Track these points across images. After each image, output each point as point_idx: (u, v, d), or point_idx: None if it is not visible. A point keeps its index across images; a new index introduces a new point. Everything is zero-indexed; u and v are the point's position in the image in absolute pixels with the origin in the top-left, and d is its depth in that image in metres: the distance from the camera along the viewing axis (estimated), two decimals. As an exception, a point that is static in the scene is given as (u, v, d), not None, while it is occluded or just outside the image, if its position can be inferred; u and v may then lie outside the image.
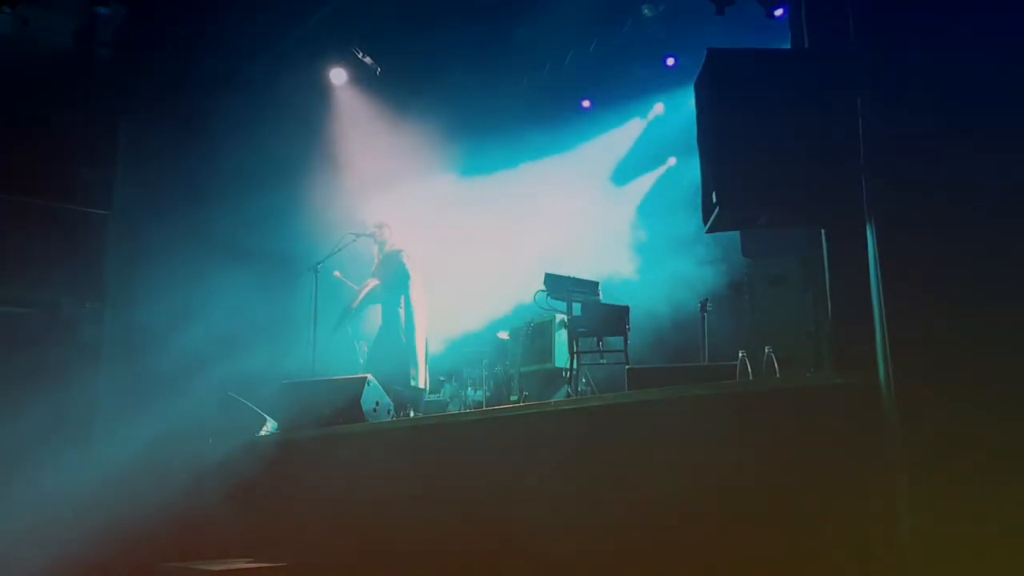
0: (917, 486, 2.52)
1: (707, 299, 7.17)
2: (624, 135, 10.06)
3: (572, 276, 7.32)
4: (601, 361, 7.09)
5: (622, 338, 6.80)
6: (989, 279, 2.58)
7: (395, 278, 7.29)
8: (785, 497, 3.10)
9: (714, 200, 3.46)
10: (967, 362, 2.53)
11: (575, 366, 6.92)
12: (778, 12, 6.96)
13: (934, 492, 2.49)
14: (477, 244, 8.83)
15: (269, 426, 6.23)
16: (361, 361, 7.64)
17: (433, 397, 8.19)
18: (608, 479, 3.73)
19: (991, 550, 2.42)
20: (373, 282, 7.34)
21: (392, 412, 6.01)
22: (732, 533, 3.22)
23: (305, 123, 8.90)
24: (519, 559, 3.88)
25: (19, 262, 7.29)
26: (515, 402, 7.31)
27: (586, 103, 10.02)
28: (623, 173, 10.10)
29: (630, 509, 3.59)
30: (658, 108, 9.85)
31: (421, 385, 7.22)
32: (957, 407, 2.50)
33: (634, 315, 6.88)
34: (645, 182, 10.12)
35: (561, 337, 7.81)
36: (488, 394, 8.07)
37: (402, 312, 7.22)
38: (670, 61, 9.18)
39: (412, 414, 6.78)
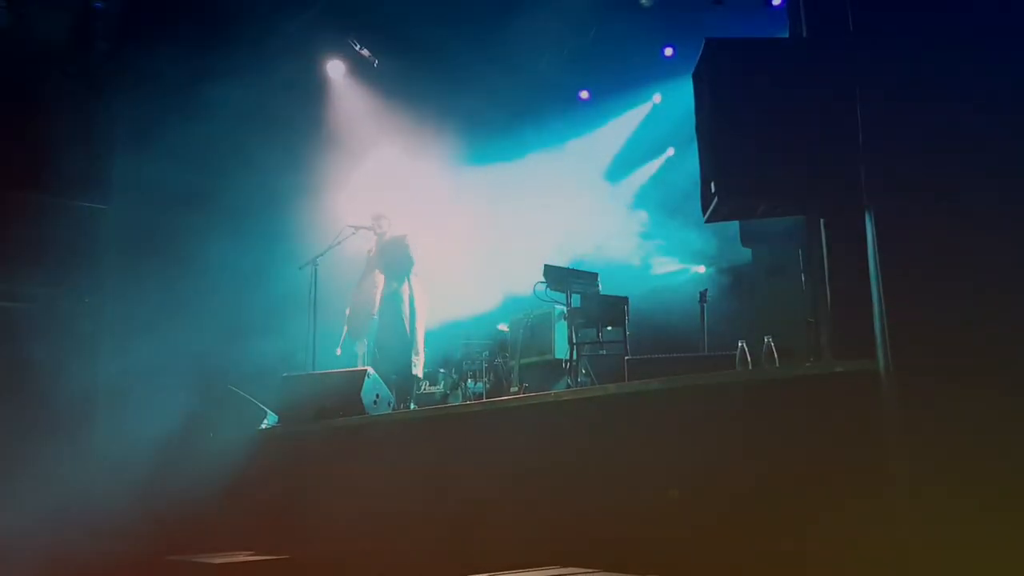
0: (916, 474, 2.53)
1: (706, 289, 7.18)
2: (622, 125, 10.05)
3: (571, 267, 7.32)
4: (601, 352, 7.09)
5: (621, 329, 6.80)
6: (987, 268, 2.58)
7: (398, 264, 7.28)
8: (785, 485, 3.10)
9: (713, 190, 3.46)
10: (966, 350, 2.53)
11: (575, 357, 6.92)
12: (776, 1, 6.96)
13: (933, 481, 2.50)
14: (476, 235, 8.82)
15: (269, 419, 6.23)
16: (361, 353, 7.64)
17: (433, 389, 8.19)
18: (608, 469, 3.74)
19: (990, 539, 2.43)
20: (381, 278, 7.34)
21: (392, 404, 6.02)
22: (732, 522, 3.22)
23: (304, 116, 8.89)
24: (519, 549, 3.89)
25: (17, 256, 7.27)
26: (515, 393, 7.32)
27: (584, 94, 10.01)
28: (622, 164, 10.10)
29: (630, 499, 3.60)
30: (656, 98, 9.84)
31: (419, 373, 7.22)
32: (956, 395, 2.50)
33: (633, 306, 6.88)
34: (644, 172, 10.12)
35: (561, 328, 7.82)
36: (488, 386, 8.08)
37: (405, 298, 7.21)
38: (668, 51, 9.17)
39: (412, 406, 6.79)
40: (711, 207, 3.55)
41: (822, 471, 3.00)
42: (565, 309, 7.19)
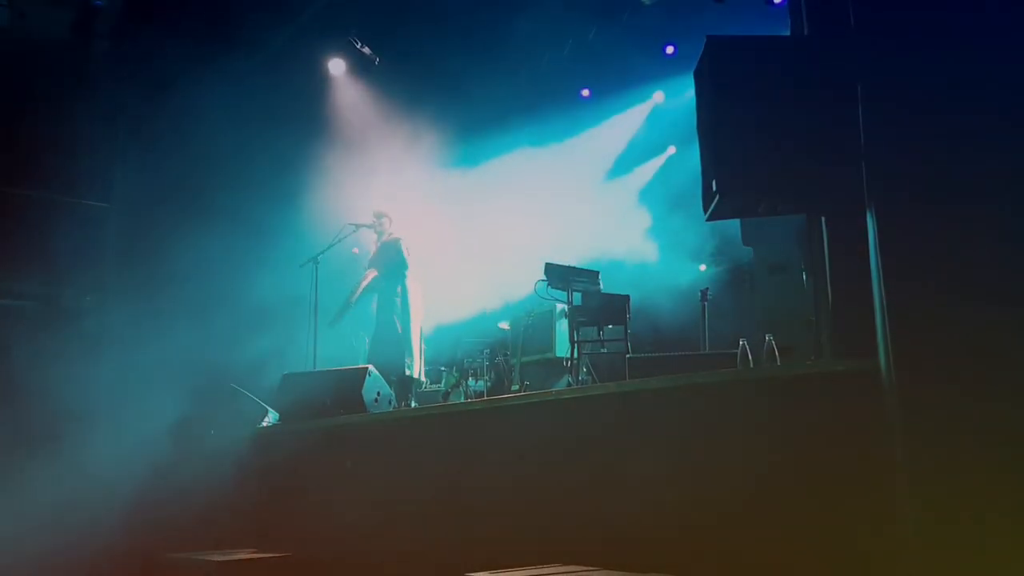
0: (917, 473, 2.52)
1: (707, 287, 7.17)
2: (624, 124, 10.05)
3: (572, 265, 7.32)
4: (602, 350, 7.09)
5: (623, 327, 6.80)
6: (989, 267, 2.58)
7: (392, 266, 7.28)
8: (786, 484, 3.10)
9: (714, 188, 3.45)
10: (967, 349, 2.53)
11: (576, 355, 6.92)
12: (777, -1, 6.95)
13: (934, 479, 2.50)
14: (477, 234, 8.82)
15: (270, 417, 6.24)
16: (362, 351, 7.65)
17: (434, 387, 8.19)
18: (609, 468, 3.74)
19: (991, 539, 2.43)
20: (372, 273, 7.34)
21: (393, 403, 6.02)
22: (732, 521, 3.22)
23: (305, 114, 8.89)
24: (520, 547, 3.89)
25: (19, 255, 7.28)
26: (516, 392, 7.32)
27: (585, 92, 10.02)
28: (623, 162, 10.10)
29: (631, 498, 3.60)
30: (658, 96, 9.84)
31: (416, 375, 7.20)
32: (956, 394, 2.50)
33: (634, 304, 6.88)
34: (645, 171, 10.12)
35: (562, 327, 7.81)
36: (489, 384, 8.08)
37: (398, 300, 7.20)
38: (669, 49, 9.18)
39: (413, 404, 6.79)
40: (712, 205, 3.55)
41: (823, 470, 3.00)
42: (566, 307, 7.20)
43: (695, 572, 3.28)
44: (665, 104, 9.80)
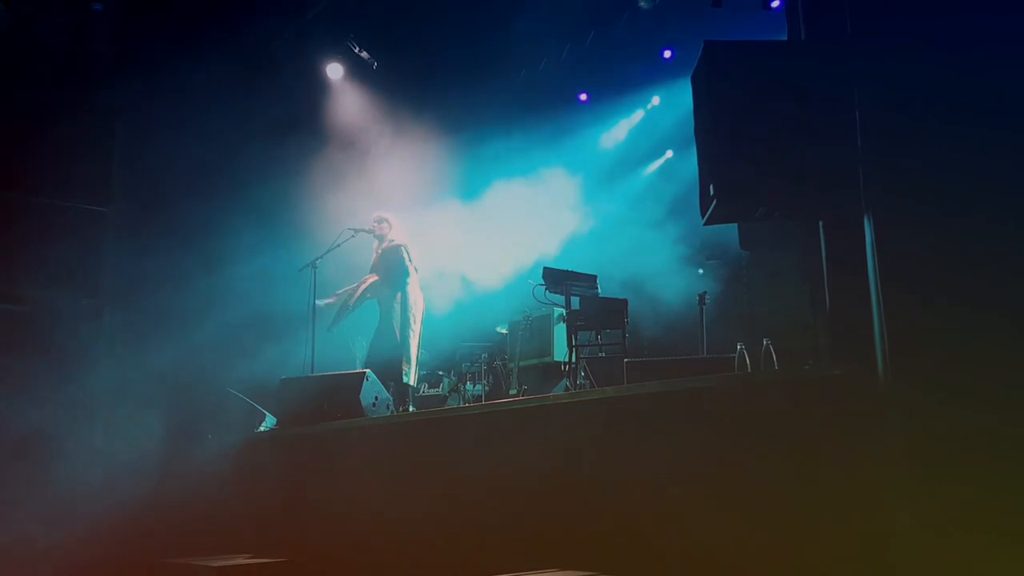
0: (914, 476, 2.53)
1: (705, 291, 7.18)
2: (621, 128, 10.07)
3: (570, 269, 7.32)
4: (600, 354, 7.09)
5: (620, 331, 6.80)
6: (985, 272, 2.58)
7: (394, 273, 7.24)
8: (783, 488, 3.10)
9: (711, 193, 3.46)
10: (963, 354, 2.54)
11: (574, 359, 6.92)
12: (775, 3, 6.97)
13: (931, 483, 2.50)
14: (475, 238, 8.81)
15: (268, 422, 6.24)
16: (360, 355, 7.65)
17: (432, 391, 8.19)
18: (607, 472, 3.74)
19: (987, 542, 2.43)
20: (371, 278, 7.30)
21: (391, 407, 6.02)
22: (730, 524, 3.22)
23: (303, 118, 8.89)
24: (518, 550, 3.89)
25: (17, 259, 7.27)
26: (514, 396, 7.32)
27: (583, 96, 10.04)
28: (620, 166, 10.11)
29: (629, 501, 3.60)
30: (655, 101, 9.86)
31: (412, 382, 7.14)
32: (953, 398, 2.50)
33: (632, 308, 6.88)
34: (642, 175, 10.13)
35: (559, 331, 7.82)
36: (487, 388, 8.08)
37: (398, 307, 7.16)
38: (667, 54, 9.20)
39: (411, 408, 6.78)
40: (710, 210, 3.55)
41: (820, 474, 3.00)
42: (564, 311, 7.19)
43: (693, 575, 3.29)
44: (662, 108, 9.82)
